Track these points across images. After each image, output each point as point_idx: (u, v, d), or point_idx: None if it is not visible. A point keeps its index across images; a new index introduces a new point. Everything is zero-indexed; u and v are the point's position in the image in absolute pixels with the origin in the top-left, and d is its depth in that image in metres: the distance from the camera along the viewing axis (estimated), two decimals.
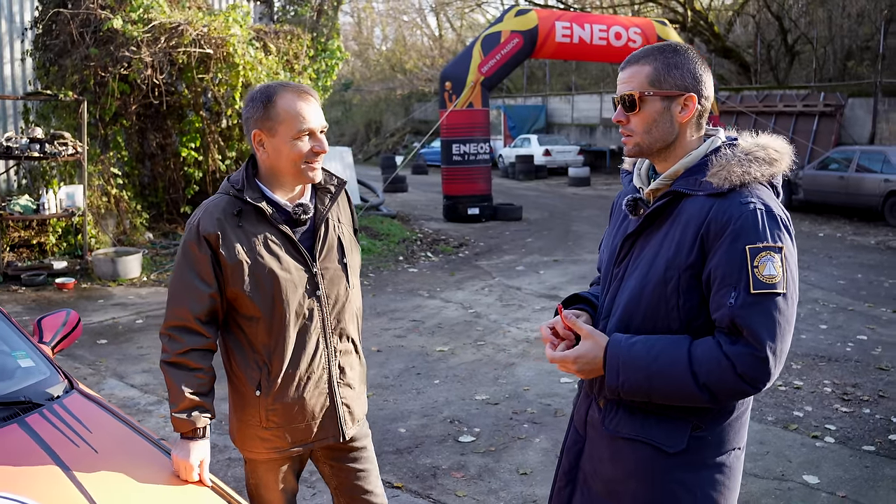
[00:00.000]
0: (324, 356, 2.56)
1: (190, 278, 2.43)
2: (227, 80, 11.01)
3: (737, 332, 1.91)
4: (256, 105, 2.43)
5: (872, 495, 4.37)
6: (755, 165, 2.00)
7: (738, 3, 29.71)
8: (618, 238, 2.21)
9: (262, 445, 2.58)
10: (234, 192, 2.46)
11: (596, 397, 2.18)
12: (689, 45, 2.13)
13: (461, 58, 15.29)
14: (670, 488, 2.05)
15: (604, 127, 30.66)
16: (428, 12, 48.13)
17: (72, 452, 2.35)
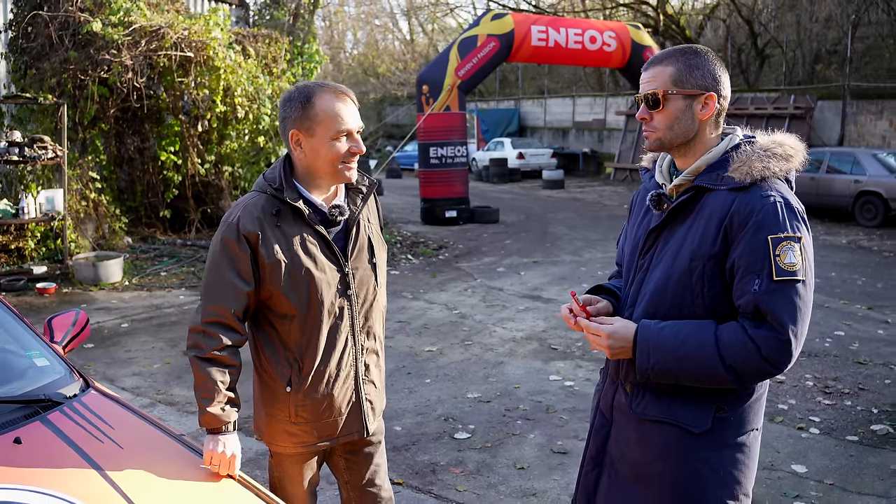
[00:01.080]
0: (352, 354, 2.61)
1: (229, 275, 2.44)
2: (207, 84, 11.00)
3: (760, 317, 2.04)
4: (294, 105, 2.45)
5: (858, 482, 4.52)
6: (773, 161, 2.12)
7: (709, 7, 30.10)
8: (640, 231, 2.33)
9: (289, 440, 2.63)
10: (272, 191, 2.48)
11: (623, 382, 2.29)
12: (708, 49, 2.23)
13: (438, 61, 15.38)
14: (696, 467, 2.16)
15: (576, 130, 30.88)
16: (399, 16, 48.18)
17: (98, 448, 2.39)
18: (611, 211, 18.77)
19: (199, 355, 2.44)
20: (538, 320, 8.27)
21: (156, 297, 9.13)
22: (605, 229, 15.52)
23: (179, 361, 6.69)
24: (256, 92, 11.43)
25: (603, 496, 2.35)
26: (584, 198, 21.87)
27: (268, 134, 12.11)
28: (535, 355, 6.99)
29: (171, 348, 7.09)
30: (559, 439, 5.10)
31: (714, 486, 2.18)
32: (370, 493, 2.85)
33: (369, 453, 2.82)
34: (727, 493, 2.19)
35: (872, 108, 19.38)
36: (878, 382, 6.22)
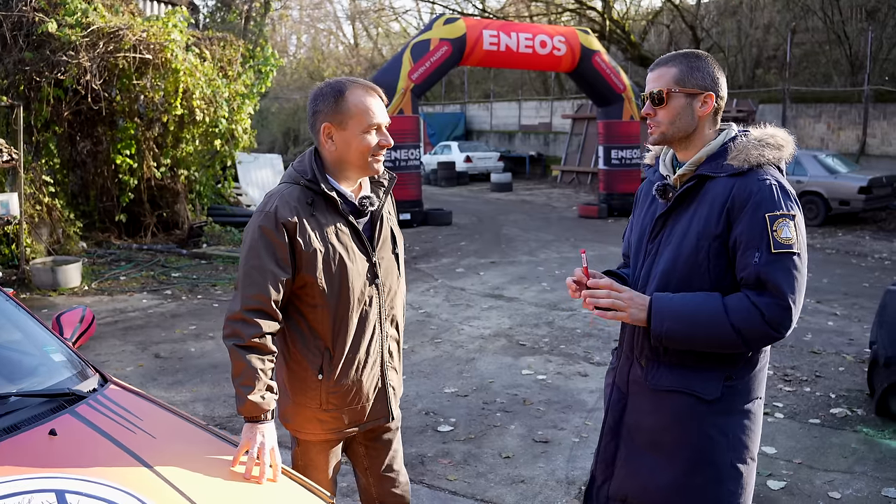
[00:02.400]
0: (378, 340, 2.70)
1: (268, 263, 2.49)
2: (164, 87, 10.95)
3: (762, 287, 2.26)
4: (327, 99, 2.54)
5: (824, 461, 4.81)
6: (767, 150, 2.36)
7: (653, 12, 30.70)
8: (647, 219, 2.54)
9: (320, 427, 2.68)
10: (306, 182, 2.55)
11: (638, 357, 2.48)
12: (708, 53, 2.45)
13: (391, 65, 15.47)
14: (707, 432, 2.37)
15: (522, 134, 31.20)
16: (344, 21, 48.09)
17: (133, 439, 2.42)
18: (560, 213, 19.06)
19: (238, 343, 2.46)
20: (503, 318, 8.44)
21: (118, 302, 9.08)
22: (557, 230, 15.79)
23: (152, 364, 6.70)
24: (214, 94, 11.41)
25: (622, 464, 2.52)
26: (532, 200, 22.16)
27: (224, 137, 12.09)
28: (504, 351, 7.15)
29: (141, 351, 7.09)
30: (539, 429, 5.26)
31: (724, 449, 2.37)
32: (388, 479, 2.92)
33: (388, 440, 2.90)
34: (736, 457, 2.39)
35: (811, 112, 20.03)
36: (833, 370, 6.53)
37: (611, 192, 18.02)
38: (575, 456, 4.85)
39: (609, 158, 17.89)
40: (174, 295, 9.46)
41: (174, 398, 5.78)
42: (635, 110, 17.67)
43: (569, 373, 6.51)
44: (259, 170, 16.20)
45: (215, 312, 8.60)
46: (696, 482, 2.39)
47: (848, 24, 23.12)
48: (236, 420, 5.39)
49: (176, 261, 11.47)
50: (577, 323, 8.19)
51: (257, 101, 12.98)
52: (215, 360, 6.80)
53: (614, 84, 17.13)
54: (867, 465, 4.75)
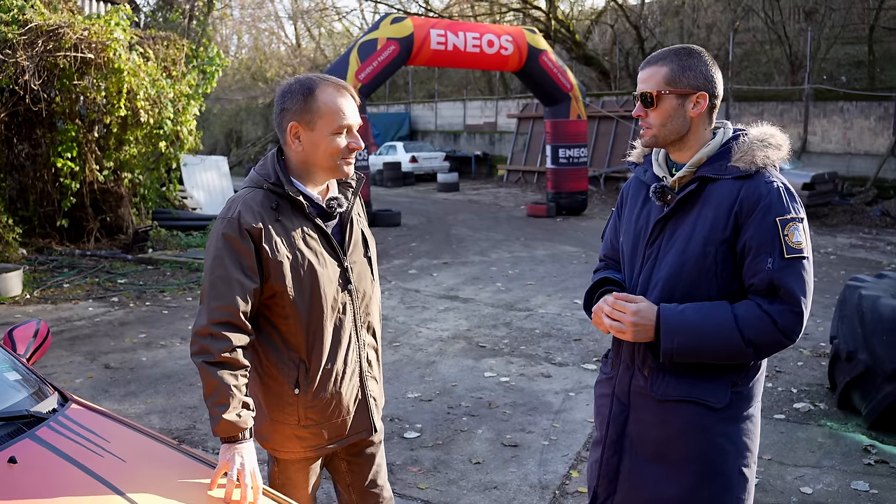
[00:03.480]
0: (355, 350, 2.57)
1: (234, 272, 2.35)
2: (107, 87, 10.61)
3: (773, 293, 2.20)
4: (296, 97, 2.40)
5: (793, 456, 4.83)
6: (771, 150, 2.30)
7: (596, 11, 30.94)
8: (641, 222, 2.44)
9: (299, 445, 2.55)
10: (269, 185, 2.42)
11: (640, 367, 2.39)
12: (702, 49, 2.36)
13: (338, 65, 15.28)
14: (716, 441, 2.30)
15: (468, 133, 31.19)
16: (286, 21, 47.59)
17: (101, 463, 2.26)
18: (508, 212, 19.06)
19: (207, 360, 2.31)
20: (460, 319, 8.35)
21: (63, 311, 8.77)
22: (507, 229, 15.77)
23: (102, 375, 6.46)
24: (158, 95, 11.11)
25: (625, 478, 2.44)
26: (480, 200, 22.14)
27: (169, 139, 11.80)
28: (465, 354, 7.06)
29: (90, 362, 6.83)
30: (507, 433, 5.18)
31: (733, 457, 2.32)
32: (372, 495, 2.78)
33: (371, 454, 2.76)
34: (743, 462, 2.34)
35: (753, 110, 20.34)
36: (792, 365, 6.57)
37: (559, 191, 18.05)
38: (546, 459, 4.78)
39: (557, 157, 17.92)
40: (121, 302, 9.18)
41: (128, 411, 5.57)
42: (582, 109, 17.74)
43: (531, 374, 6.45)
44: (205, 172, 15.88)
45: (165, 319, 8.36)
46: (704, 494, 2.32)
47: (787, 25, 23.55)
48: (195, 432, 5.21)
49: (121, 267, 11.15)
50: (536, 323, 8.14)
51: (202, 102, 12.70)
52: (168, 369, 6.59)
53: (561, 83, 17.17)
54: (834, 458, 4.77)
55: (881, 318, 5.12)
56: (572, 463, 4.74)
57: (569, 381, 6.27)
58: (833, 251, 12.95)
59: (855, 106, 19.17)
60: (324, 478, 2.91)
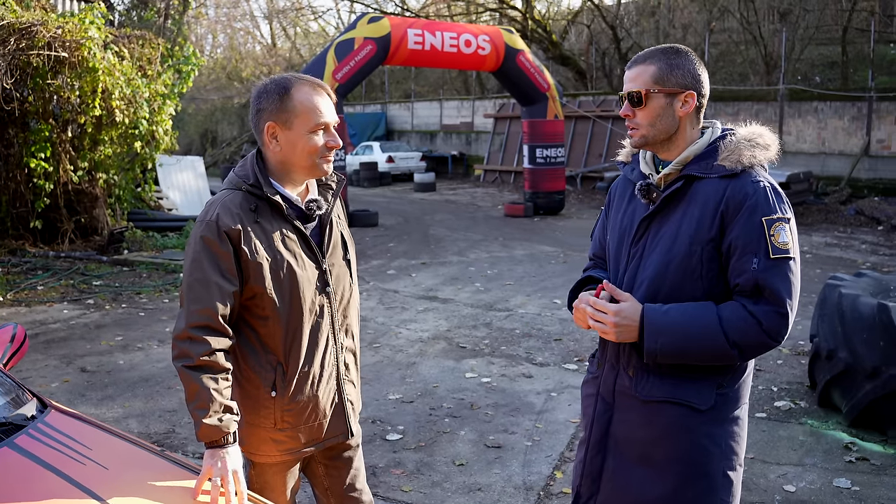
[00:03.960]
0: (333, 353, 2.55)
1: (213, 275, 2.33)
2: (81, 86, 10.47)
3: (758, 294, 2.17)
4: (271, 97, 2.39)
5: (775, 454, 4.85)
6: (758, 150, 2.28)
7: (572, 12, 31.02)
8: (626, 220, 2.43)
9: (275, 448, 2.53)
10: (248, 186, 2.40)
11: (625, 367, 2.37)
12: (689, 49, 2.34)
13: (314, 64, 15.19)
14: (701, 443, 2.28)
15: (444, 133, 31.19)
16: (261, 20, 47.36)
17: (83, 471, 2.21)
18: (486, 212, 19.05)
19: (187, 364, 2.30)
20: (440, 320, 8.32)
21: (37, 313, 8.65)
22: (485, 229, 15.76)
23: (78, 379, 6.37)
24: (134, 95, 10.98)
25: (609, 478, 2.42)
26: (457, 200, 22.12)
27: (144, 139, 11.68)
28: (445, 354, 7.03)
29: (66, 365, 6.74)
30: (490, 434, 5.16)
31: (717, 459, 2.30)
32: (352, 499, 2.77)
33: (349, 458, 2.75)
34: (728, 465, 2.33)
35: (729, 110, 20.46)
36: (772, 363, 6.60)
37: (536, 191, 18.07)
38: (530, 460, 4.76)
39: (534, 157, 17.94)
40: (97, 304, 9.07)
41: (105, 415, 5.49)
42: (559, 109, 17.77)
43: (513, 374, 6.43)
44: (180, 172, 15.73)
45: (142, 321, 8.26)
46: (688, 495, 2.31)
47: (762, 25, 23.72)
48: (174, 436, 5.15)
49: (96, 268, 11.01)
50: (516, 323, 8.13)
51: (178, 102, 12.58)
52: (146, 372, 6.51)
53: (539, 83, 17.18)
54: (816, 456, 4.80)
55: (861, 317, 5.15)
56: (556, 464, 4.72)
57: (550, 381, 6.26)
58: (809, 250, 13.04)
59: (829, 106, 19.35)
60: (304, 481, 2.88)
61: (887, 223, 15.47)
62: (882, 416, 5.09)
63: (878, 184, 18.24)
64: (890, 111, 18.32)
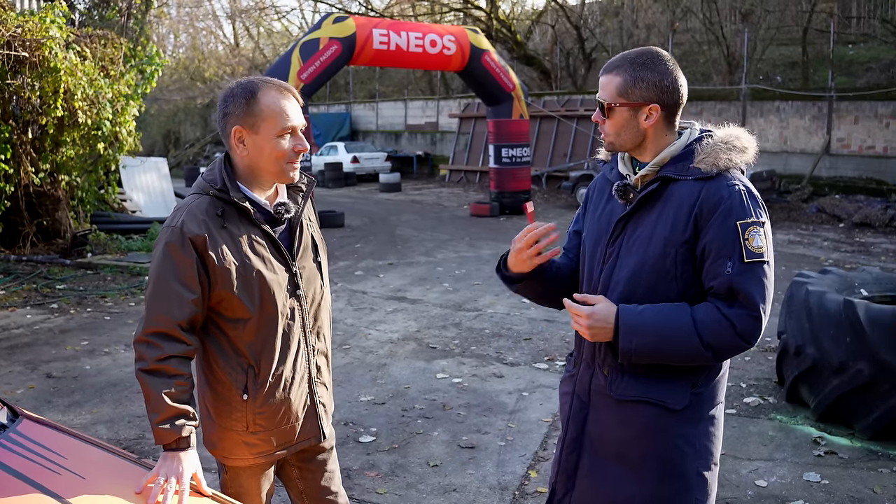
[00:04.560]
0: (304, 355, 2.55)
1: (172, 283, 2.33)
2: (41, 86, 10.28)
3: (732, 297, 2.19)
4: (238, 100, 2.37)
5: (746, 450, 4.92)
6: (735, 153, 2.28)
7: (536, 12, 31.15)
8: (603, 219, 2.44)
9: (247, 451, 2.53)
10: (215, 191, 2.39)
11: (600, 366, 2.39)
12: (662, 53, 2.32)
13: (279, 64, 15.09)
14: (675, 442, 2.30)
15: (409, 133, 31.15)
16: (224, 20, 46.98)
17: (59, 482, 2.17)
18: (452, 212, 19.07)
19: (142, 368, 2.31)
20: (410, 321, 8.31)
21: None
22: (451, 229, 15.77)
23: (44, 385, 6.27)
24: (96, 95, 10.82)
25: (584, 476, 2.44)
26: (423, 200, 22.12)
27: (107, 140, 11.52)
28: (416, 355, 7.02)
29: (31, 371, 6.63)
30: (463, 434, 5.16)
31: (691, 458, 2.32)
32: (328, 501, 2.77)
33: (323, 460, 2.75)
34: (702, 464, 2.34)
35: (692, 110, 20.64)
36: (740, 360, 6.67)
37: (502, 191, 18.12)
38: (504, 460, 4.77)
39: (500, 157, 17.98)
40: (61, 309, 8.93)
41: (73, 421, 5.41)
42: (524, 109, 17.83)
43: (484, 374, 6.44)
44: (144, 174, 15.53)
45: (108, 325, 8.15)
46: (663, 494, 2.32)
47: (725, 26, 23.99)
48: (144, 442, 5.08)
49: (60, 272, 10.85)
50: (485, 323, 8.14)
51: (142, 102, 12.42)
52: (114, 377, 6.42)
53: (504, 83, 17.22)
54: (786, 451, 4.87)
55: (827, 314, 5.22)
56: (530, 463, 4.73)
57: (521, 380, 6.27)
58: (773, 247, 13.19)
59: (790, 105, 19.62)
60: (279, 486, 2.86)
61: (848, 220, 15.72)
62: (849, 411, 5.17)
63: (838, 182, 18.53)
64: (849, 111, 18.62)
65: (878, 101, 18.21)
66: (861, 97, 18.58)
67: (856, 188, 18.14)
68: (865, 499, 4.25)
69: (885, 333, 4.89)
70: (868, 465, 4.67)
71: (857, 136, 18.54)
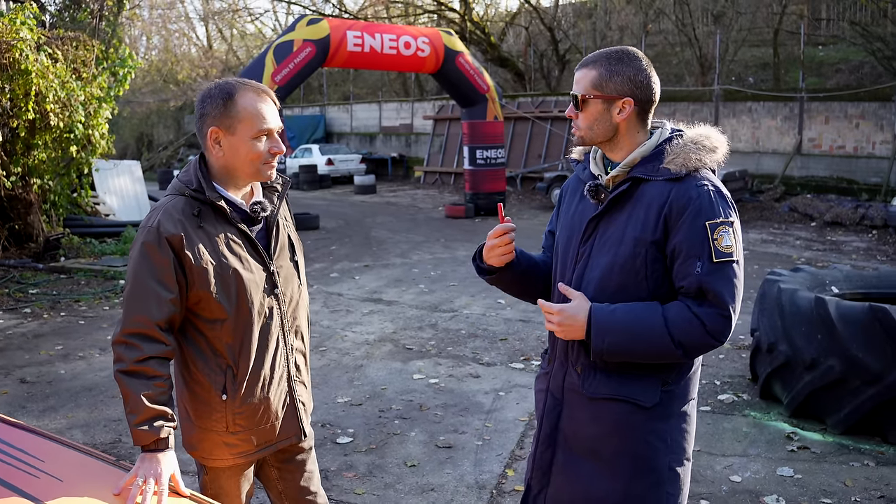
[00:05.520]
0: (283, 354, 2.56)
1: (149, 283, 2.33)
2: (12, 89, 10.18)
3: (702, 296, 2.22)
4: (215, 102, 2.38)
5: (720, 446, 4.97)
6: (704, 153, 2.31)
7: (510, 14, 31.27)
8: (576, 219, 2.47)
9: (228, 451, 2.53)
10: (191, 191, 2.40)
11: (573, 364, 2.42)
12: (637, 52, 2.36)
13: (253, 67, 15.05)
14: (647, 439, 2.33)
15: (384, 135, 31.18)
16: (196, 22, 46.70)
17: (37, 485, 2.16)
18: (427, 213, 19.10)
19: (121, 369, 2.31)
20: (385, 322, 8.32)
21: None
22: (427, 231, 15.80)
23: (17, 390, 6.21)
24: (68, 98, 10.73)
25: (559, 473, 2.46)
26: (398, 202, 22.14)
27: (80, 143, 11.42)
28: (392, 356, 7.03)
29: (4, 377, 6.56)
30: (440, 434, 5.18)
31: (663, 454, 2.35)
32: (307, 502, 2.78)
33: (302, 460, 2.76)
34: (674, 459, 2.38)
35: (665, 110, 20.80)
36: (714, 358, 6.75)
37: (477, 192, 18.17)
38: (481, 459, 4.79)
39: (474, 158, 18.03)
40: (34, 313, 8.85)
41: (48, 426, 5.37)
42: (499, 110, 17.89)
43: (460, 375, 6.46)
44: (118, 177, 15.42)
45: (83, 330, 8.09)
46: (636, 489, 2.36)
47: (697, 27, 24.20)
48: (120, 446, 5.06)
49: (32, 276, 10.75)
50: (461, 324, 8.17)
51: (115, 105, 12.34)
52: (89, 381, 6.38)
53: (478, 84, 17.28)
54: (760, 447, 4.93)
55: (799, 311, 5.30)
56: (507, 462, 4.76)
57: (498, 380, 6.30)
58: (746, 247, 13.33)
59: (762, 106, 19.83)
60: (258, 487, 2.86)
61: (819, 219, 15.92)
62: (821, 407, 5.24)
63: (810, 181, 18.75)
64: (820, 111, 18.85)
65: (848, 102, 18.45)
66: (831, 98, 18.82)
67: (827, 187, 18.36)
68: (837, 492, 4.32)
69: (855, 330, 4.96)
70: (840, 459, 4.75)
71: (827, 136, 18.77)
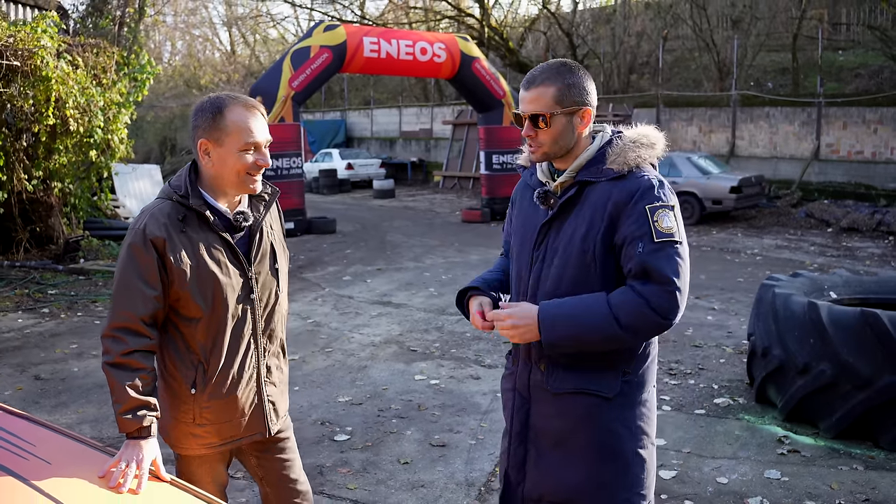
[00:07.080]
0: (254, 356, 2.72)
1: (135, 281, 2.49)
2: (34, 95, 10.42)
3: (646, 275, 2.34)
4: (205, 115, 2.52)
5: (711, 448, 5.04)
6: (643, 150, 2.46)
7: (529, 19, 31.33)
8: (528, 224, 2.60)
9: (194, 442, 2.70)
10: (178, 197, 2.55)
11: (536, 362, 2.54)
12: (577, 63, 2.51)
13: (271, 72, 15.27)
14: (612, 427, 2.47)
15: (403, 140, 31.34)
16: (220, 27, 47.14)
17: (26, 466, 2.30)
18: (444, 218, 19.22)
19: (108, 361, 2.48)
20: (393, 325, 8.45)
21: None
22: (442, 235, 15.91)
23: (32, 387, 6.40)
24: (88, 103, 10.96)
25: (533, 467, 2.59)
26: (416, 206, 22.27)
27: (99, 147, 11.65)
28: (396, 358, 7.16)
29: (20, 374, 6.76)
30: (435, 434, 5.30)
31: (628, 440, 2.49)
32: (287, 488, 2.93)
33: (280, 449, 2.91)
34: (638, 444, 2.51)
35: (683, 115, 20.85)
36: (714, 362, 6.82)
37: (493, 197, 18.29)
38: (473, 458, 4.90)
39: (491, 163, 18.15)
40: (52, 313, 9.07)
41: (59, 421, 5.55)
42: (512, 115, 17.97)
43: (461, 376, 6.57)
44: (137, 181, 15.71)
45: (97, 330, 8.27)
46: (606, 475, 2.48)
47: (715, 33, 24.19)
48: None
49: (52, 277, 10.98)
50: (466, 327, 8.28)
51: (134, 110, 12.57)
52: (100, 379, 6.55)
53: (494, 90, 17.40)
54: (750, 450, 5.00)
55: (793, 315, 5.36)
56: (498, 461, 4.86)
57: (497, 382, 6.40)
58: (759, 252, 13.36)
59: (780, 111, 19.80)
60: (249, 479, 2.99)
61: (836, 225, 15.87)
62: (813, 411, 5.30)
63: (827, 187, 18.69)
64: (838, 116, 18.79)
65: (867, 107, 18.40)
66: (850, 103, 18.76)
67: (845, 193, 18.30)
68: (822, 495, 4.38)
69: (846, 335, 5.02)
70: (829, 462, 4.81)
71: (845, 141, 18.71)
